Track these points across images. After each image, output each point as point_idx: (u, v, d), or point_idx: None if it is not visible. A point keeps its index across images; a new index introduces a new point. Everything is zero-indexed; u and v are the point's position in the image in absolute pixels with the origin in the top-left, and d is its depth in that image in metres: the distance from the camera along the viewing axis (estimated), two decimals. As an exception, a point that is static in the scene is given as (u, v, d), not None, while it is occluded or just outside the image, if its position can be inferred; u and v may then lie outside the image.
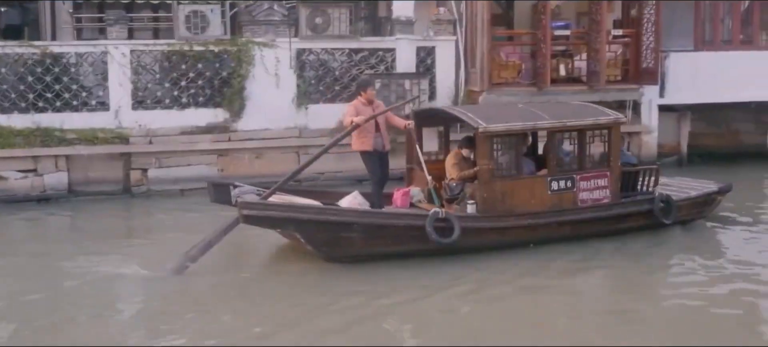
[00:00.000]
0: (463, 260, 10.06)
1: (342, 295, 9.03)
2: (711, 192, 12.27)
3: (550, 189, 10.74)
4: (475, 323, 8.33)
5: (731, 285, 9.43)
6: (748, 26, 17.98)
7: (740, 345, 7.74)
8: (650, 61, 16.45)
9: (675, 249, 10.94)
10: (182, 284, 9.58)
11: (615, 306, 8.98)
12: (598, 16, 15.75)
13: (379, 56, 15.95)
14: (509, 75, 15.98)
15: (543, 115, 10.99)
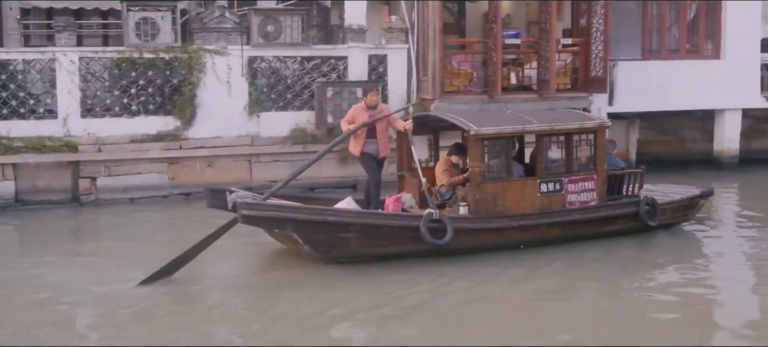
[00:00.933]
0: (457, 261, 10.29)
1: (338, 296, 9.20)
2: (694, 196, 12.57)
3: (540, 191, 11.02)
4: (473, 323, 8.52)
5: (716, 286, 9.86)
6: (694, 36, 18.30)
7: (727, 345, 8.01)
8: (599, 69, 16.65)
9: (660, 251, 11.21)
10: (179, 289, 9.64)
11: (603, 307, 9.16)
12: (548, 26, 15.90)
13: (331, 64, 15.95)
14: (461, 83, 16.07)
15: (531, 120, 11.29)
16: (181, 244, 10.47)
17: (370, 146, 11.25)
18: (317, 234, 9.99)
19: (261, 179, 15.49)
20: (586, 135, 11.40)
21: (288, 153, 15.68)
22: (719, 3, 18.13)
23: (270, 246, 11.24)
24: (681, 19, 18.10)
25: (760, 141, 19.72)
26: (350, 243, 10.13)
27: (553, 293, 9.46)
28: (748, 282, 10.06)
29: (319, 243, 10.05)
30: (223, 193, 10.54)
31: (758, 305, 9.25)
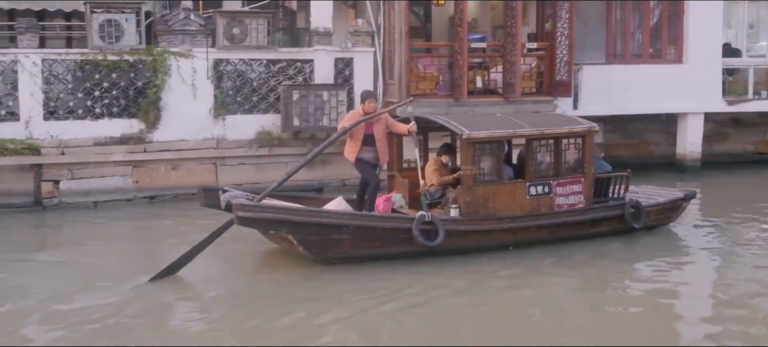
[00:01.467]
0: (449, 261, 10.48)
1: (334, 296, 9.36)
2: (677, 198, 12.82)
3: (529, 194, 11.26)
4: (465, 323, 8.71)
5: (699, 286, 10.15)
6: (657, 41, 18.48)
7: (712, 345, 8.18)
8: (564, 73, 16.77)
9: (645, 253, 11.47)
10: (177, 288, 9.78)
11: (590, 307, 9.36)
12: (514, 30, 15.98)
13: (297, 67, 15.92)
14: (427, 86, 16.10)
15: (522, 123, 11.53)
16: (150, 248, 10.48)
17: (367, 153, 11.23)
18: (312, 235, 10.14)
19: (227, 182, 15.36)
20: (575, 139, 11.67)
21: (254, 156, 15.64)
22: (682, 9, 18.32)
23: (263, 246, 11.32)
24: (644, 24, 18.28)
25: (722, 144, 19.99)
26: (344, 245, 10.29)
27: (542, 293, 9.67)
28: (727, 282, 10.32)
29: (313, 244, 10.20)
30: (216, 193, 10.74)
31: (736, 303, 9.40)
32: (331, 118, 15.45)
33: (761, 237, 12.55)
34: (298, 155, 15.74)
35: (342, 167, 15.99)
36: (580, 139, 11.68)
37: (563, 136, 11.56)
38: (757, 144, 20.60)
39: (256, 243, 11.36)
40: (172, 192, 15.18)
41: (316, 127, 15.53)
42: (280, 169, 15.70)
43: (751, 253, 11.55)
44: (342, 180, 15.88)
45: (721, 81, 18.81)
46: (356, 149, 11.17)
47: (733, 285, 10.10)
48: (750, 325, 8.56)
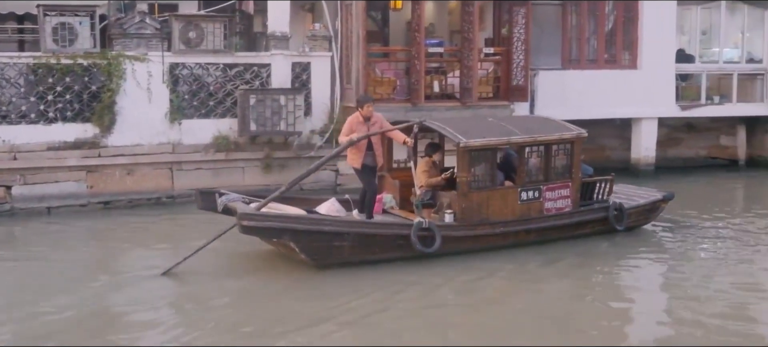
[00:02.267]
0: (443, 263, 10.74)
1: (331, 300, 9.48)
2: (656, 200, 13.24)
3: (520, 199, 11.62)
4: (459, 323, 9.02)
5: (679, 284, 10.47)
6: (611, 46, 18.69)
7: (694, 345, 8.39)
8: (520, 78, 16.90)
9: (628, 252, 11.91)
10: (176, 288, 9.97)
11: (582, 307, 9.70)
12: (471, 35, 16.07)
13: (254, 71, 15.83)
14: (384, 91, 16.12)
15: (514, 130, 11.79)
16: (105, 253, 10.41)
17: (369, 158, 11.40)
18: (314, 243, 10.33)
19: (183, 187, 15.30)
20: (564, 145, 12.03)
21: (210, 160, 15.52)
22: (636, 15, 18.55)
23: (262, 246, 11.39)
24: (599, 30, 18.47)
25: (675, 149, 20.27)
26: (344, 251, 10.49)
27: (534, 296, 9.93)
28: (707, 278, 10.72)
29: (314, 251, 10.38)
30: (213, 196, 10.92)
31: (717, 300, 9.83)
32: (288, 122, 15.37)
33: (729, 234, 13.07)
34: (255, 160, 15.69)
35: (300, 172, 15.92)
36: (569, 144, 12.04)
37: (554, 142, 11.91)
38: (710, 149, 20.93)
39: (255, 244, 11.39)
40: (127, 197, 15.00)
41: (273, 132, 15.44)
42: (237, 174, 15.62)
43: (724, 250, 12.13)
44: (299, 185, 15.77)
45: (675, 86, 19.09)
46: (361, 155, 11.31)
47: (710, 279, 10.58)
48: (732, 321, 8.99)
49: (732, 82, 19.79)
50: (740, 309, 9.50)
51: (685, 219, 14.04)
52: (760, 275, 11.04)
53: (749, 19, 20.02)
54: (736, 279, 10.59)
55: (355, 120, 11.40)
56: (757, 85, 20.11)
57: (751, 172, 19.84)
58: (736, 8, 19.98)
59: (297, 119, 15.44)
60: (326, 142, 16.07)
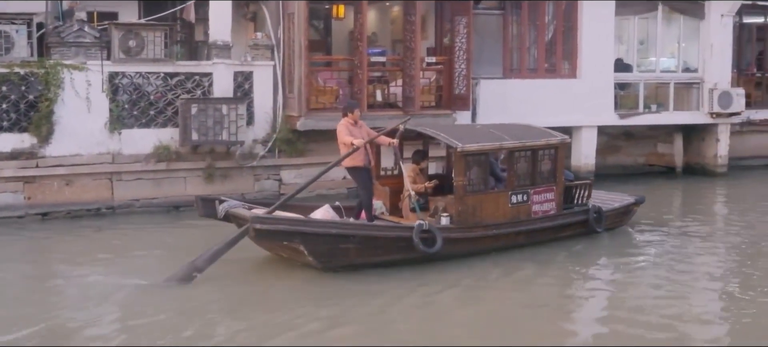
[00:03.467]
0: (436, 267, 11.16)
1: (336, 299, 9.92)
2: (630, 203, 13.99)
3: (511, 202, 12.13)
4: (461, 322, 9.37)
5: (658, 283, 10.99)
6: (552, 56, 18.95)
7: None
8: (462, 87, 17.03)
9: (608, 252, 12.60)
10: (181, 293, 10.07)
11: (572, 305, 10.33)
12: (413, 44, 16.15)
13: (195, 80, 15.70)
14: (327, 100, 16.11)
15: (504, 136, 12.30)
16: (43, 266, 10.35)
17: (366, 157, 11.87)
18: (321, 245, 10.68)
19: (123, 198, 15.13)
20: (550, 150, 12.59)
21: (151, 171, 15.35)
22: (575, 25, 18.83)
23: (255, 253, 11.56)
24: (540, 39, 18.71)
25: (614, 156, 20.60)
26: (350, 254, 10.84)
27: (527, 295, 10.42)
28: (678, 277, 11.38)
29: (322, 254, 10.73)
30: (213, 202, 11.32)
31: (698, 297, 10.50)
32: (230, 132, 15.28)
33: (690, 235, 13.88)
34: (197, 170, 15.56)
35: (244, 182, 15.89)
36: (554, 150, 12.59)
37: (540, 147, 12.47)
38: (648, 156, 21.32)
39: (251, 251, 11.52)
40: (65, 208, 14.77)
41: (215, 141, 15.33)
42: (178, 184, 15.49)
43: (691, 248, 12.99)
44: (241, 194, 15.71)
45: (613, 95, 19.39)
46: (363, 155, 11.71)
47: (684, 275, 11.36)
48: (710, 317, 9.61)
49: (669, 90, 20.19)
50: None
51: (648, 222, 14.61)
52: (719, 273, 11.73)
53: (685, 30, 20.45)
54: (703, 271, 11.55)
55: (348, 124, 11.85)
56: (693, 93, 20.54)
57: (687, 178, 20.24)
58: (673, 19, 20.40)
59: (239, 128, 15.36)
60: (269, 151, 16.02)
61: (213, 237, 11.65)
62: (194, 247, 11.17)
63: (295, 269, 11.08)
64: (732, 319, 9.58)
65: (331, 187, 16.41)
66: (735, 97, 20.13)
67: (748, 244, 13.29)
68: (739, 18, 21.28)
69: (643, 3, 19.79)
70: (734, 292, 10.59)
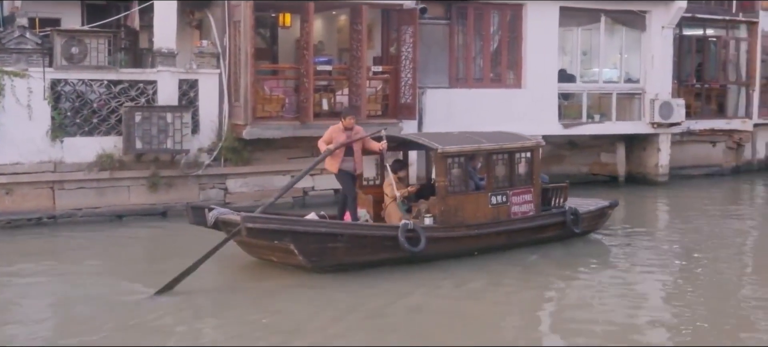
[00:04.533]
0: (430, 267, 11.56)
1: (328, 301, 10.18)
2: (604, 206, 14.30)
3: (491, 203, 12.44)
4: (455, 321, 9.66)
5: (633, 281, 11.67)
6: (497, 66, 19.12)
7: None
8: (408, 96, 17.10)
9: (585, 254, 13.06)
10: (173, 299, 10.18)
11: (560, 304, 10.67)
12: (359, 53, 16.19)
13: (139, 88, 15.54)
14: (273, 109, 16.07)
15: (482, 139, 12.69)
16: None
17: (347, 163, 12.09)
18: (311, 244, 10.93)
19: (65, 207, 14.90)
20: (525, 152, 12.96)
21: (94, 179, 15.14)
22: (520, 36, 19.04)
23: (241, 259, 11.83)
24: (485, 49, 18.88)
25: (559, 166, 20.80)
26: (338, 253, 11.15)
27: (505, 296, 10.84)
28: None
29: (312, 252, 10.97)
30: (203, 211, 11.53)
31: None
32: (175, 140, 15.14)
33: (638, 242, 14.32)
34: (141, 179, 15.39)
35: (189, 190, 15.75)
36: (530, 152, 12.96)
37: (516, 149, 12.86)
38: (591, 165, 21.61)
39: (237, 258, 11.81)
40: (5, 218, 14.50)
41: (159, 150, 15.19)
42: (122, 193, 15.31)
43: (645, 254, 13.38)
44: (186, 203, 15.56)
45: (557, 105, 19.64)
46: (338, 160, 11.99)
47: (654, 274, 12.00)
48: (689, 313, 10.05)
49: (611, 101, 20.52)
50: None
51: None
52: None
53: (627, 41, 20.81)
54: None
55: (336, 129, 12.10)
56: (635, 104, 20.91)
57: (630, 187, 20.55)
58: (615, 30, 20.75)
59: (184, 137, 15.24)
60: (214, 159, 15.91)
61: (155, 249, 11.60)
62: (141, 257, 11.03)
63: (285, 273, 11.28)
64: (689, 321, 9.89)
65: (277, 196, 16.34)
66: (675, 107, 20.53)
67: (703, 249, 13.72)
68: (679, 30, 21.67)
69: (586, 14, 20.09)
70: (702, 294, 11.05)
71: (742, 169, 23.52)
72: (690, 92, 22.53)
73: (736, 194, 21.10)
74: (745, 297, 10.94)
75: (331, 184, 16.62)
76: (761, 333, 9.33)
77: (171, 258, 11.87)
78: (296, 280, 11.01)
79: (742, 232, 15.83)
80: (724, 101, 23.43)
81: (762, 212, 18.81)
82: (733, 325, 9.60)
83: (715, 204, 18.80)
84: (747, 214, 18.16)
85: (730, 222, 16.63)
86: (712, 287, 11.39)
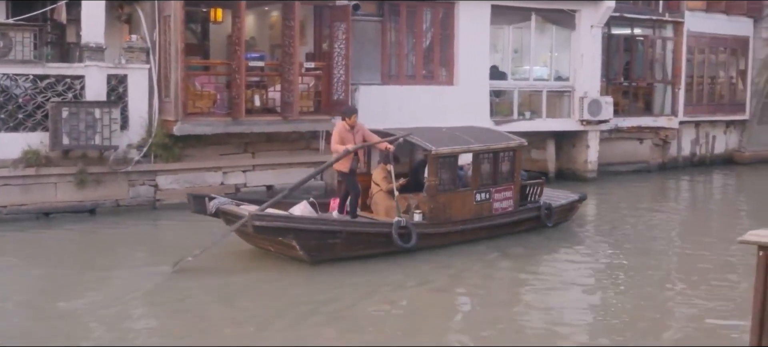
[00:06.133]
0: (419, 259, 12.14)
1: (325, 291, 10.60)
2: (574, 200, 15.17)
3: (475, 200, 13.22)
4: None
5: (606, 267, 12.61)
6: (429, 63, 19.23)
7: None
8: (341, 93, 17.08)
9: (560, 244, 13.90)
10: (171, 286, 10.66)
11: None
12: (291, 49, 16.10)
13: (67, 83, 15.23)
14: (204, 105, 15.91)
15: (470, 140, 13.40)
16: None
17: (354, 162, 12.60)
18: (311, 240, 11.55)
19: (-11, 204, 14.53)
20: (509, 152, 13.71)
21: (19, 176, 14.80)
22: (452, 33, 19.17)
23: (241, 247, 12.34)
24: (418, 46, 18.96)
25: (491, 162, 21.00)
26: (336, 248, 11.79)
27: (490, 286, 11.46)
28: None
29: (312, 248, 11.57)
30: (204, 200, 12.07)
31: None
32: (103, 136, 14.89)
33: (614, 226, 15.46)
34: (68, 175, 15.10)
35: (118, 187, 15.51)
36: (513, 152, 13.69)
37: (501, 149, 13.59)
38: (523, 162, 21.80)
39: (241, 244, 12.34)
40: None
41: (87, 146, 14.91)
42: (48, 189, 15.00)
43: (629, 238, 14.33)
44: (116, 200, 15.36)
45: (489, 102, 19.83)
46: (350, 161, 12.42)
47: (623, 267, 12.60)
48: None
49: (542, 98, 20.83)
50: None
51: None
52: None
53: (557, 40, 21.13)
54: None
55: (343, 128, 12.50)
56: (565, 101, 21.25)
57: (560, 183, 20.73)
58: (545, 29, 21.04)
59: (113, 133, 14.99)
60: (144, 156, 15.68)
61: (85, 249, 11.40)
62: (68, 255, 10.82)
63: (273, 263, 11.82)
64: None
65: (208, 193, 16.21)
66: (604, 105, 20.92)
67: (632, 241, 14.33)
68: (607, 29, 22.06)
69: (518, 13, 20.32)
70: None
71: (668, 166, 24.11)
72: (618, 90, 22.97)
73: (663, 190, 21.58)
74: (668, 290, 11.36)
75: (263, 180, 16.60)
76: (672, 332, 9.53)
77: (100, 256, 11.72)
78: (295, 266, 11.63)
79: (667, 226, 16.35)
80: (650, 99, 23.95)
81: (686, 206, 19.34)
82: (656, 320, 9.89)
83: (643, 201, 19.19)
84: (672, 209, 18.64)
85: (656, 216, 17.12)
86: (637, 282, 11.68)
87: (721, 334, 9.29)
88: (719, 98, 25.69)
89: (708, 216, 18.37)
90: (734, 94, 26.12)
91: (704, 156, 25.51)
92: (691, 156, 25.11)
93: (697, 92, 24.88)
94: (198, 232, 12.80)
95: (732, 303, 10.37)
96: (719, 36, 25.09)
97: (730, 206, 19.82)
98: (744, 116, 26.26)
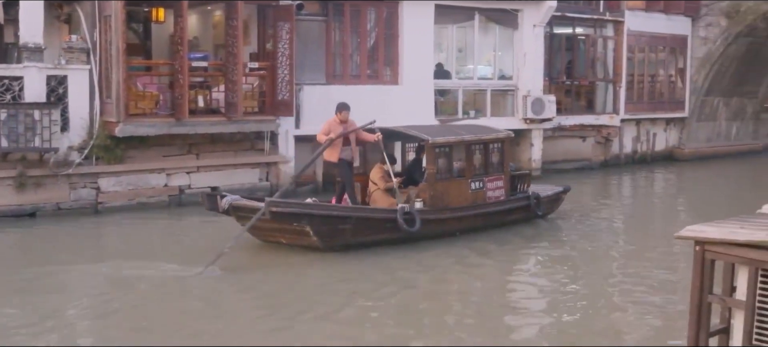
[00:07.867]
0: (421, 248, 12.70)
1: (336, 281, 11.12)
2: (559, 192, 15.90)
3: (471, 188, 13.80)
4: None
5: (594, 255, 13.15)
6: (374, 62, 19.24)
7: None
8: (286, 93, 17.02)
9: (551, 233, 14.62)
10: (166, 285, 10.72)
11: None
12: (235, 49, 16.00)
13: (5, 84, 14.91)
14: (147, 106, 15.73)
15: (462, 132, 14.27)
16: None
17: (346, 153, 13.16)
18: (324, 226, 12.14)
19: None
20: (498, 143, 14.36)
21: (-44, 180, 14.48)
22: (396, 32, 19.21)
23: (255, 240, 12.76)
24: (362, 46, 18.97)
25: (436, 161, 21.10)
26: (346, 233, 12.38)
27: (486, 273, 12.00)
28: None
29: (325, 233, 12.14)
30: (216, 198, 12.43)
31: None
32: (43, 138, 14.62)
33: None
34: (7, 178, 14.80)
35: (59, 190, 15.26)
36: (501, 143, 14.38)
37: (491, 140, 14.28)
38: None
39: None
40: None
41: (26, 149, 14.64)
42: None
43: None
44: (56, 203, 15.11)
45: (434, 101, 19.91)
46: (338, 150, 13.01)
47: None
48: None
49: (486, 97, 20.99)
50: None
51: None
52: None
53: (501, 39, 21.31)
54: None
55: (333, 122, 13.06)
56: (508, 100, 21.45)
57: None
58: (489, 28, 21.21)
59: (53, 135, 14.75)
60: (86, 158, 15.44)
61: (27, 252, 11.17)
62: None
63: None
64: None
65: (151, 196, 16.06)
66: (547, 103, 21.16)
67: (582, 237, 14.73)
68: (550, 28, 22.31)
69: (461, 12, 20.44)
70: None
71: (610, 163, 24.46)
72: (561, 89, 23.25)
73: (605, 187, 21.87)
74: (615, 284, 11.57)
75: (208, 182, 16.46)
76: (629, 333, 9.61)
77: (42, 262, 11.49)
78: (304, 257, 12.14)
79: (610, 221, 16.71)
80: (592, 97, 24.30)
81: (628, 203, 19.65)
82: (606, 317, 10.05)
83: (586, 197, 19.42)
84: (614, 205, 18.93)
85: (600, 212, 17.44)
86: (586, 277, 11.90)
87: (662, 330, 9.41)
88: (659, 96, 26.12)
89: (650, 211, 18.67)
90: (674, 92, 26.60)
91: (645, 153, 25.92)
92: (633, 153, 25.50)
93: (638, 90, 25.28)
94: (138, 234, 12.71)
95: (676, 298, 10.52)
96: (658, 35, 25.52)
97: (671, 202, 20.19)
98: (683, 114, 26.76)
